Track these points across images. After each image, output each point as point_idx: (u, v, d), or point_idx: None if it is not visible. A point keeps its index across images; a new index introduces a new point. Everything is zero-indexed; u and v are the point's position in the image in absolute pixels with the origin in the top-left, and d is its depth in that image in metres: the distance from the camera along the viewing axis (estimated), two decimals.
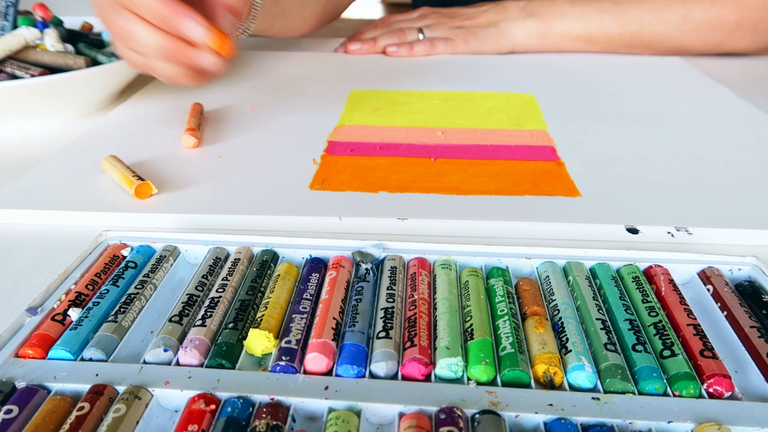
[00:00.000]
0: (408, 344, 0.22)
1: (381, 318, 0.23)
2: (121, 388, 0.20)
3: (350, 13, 0.83)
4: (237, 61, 0.63)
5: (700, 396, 0.20)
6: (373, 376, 0.21)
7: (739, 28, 0.60)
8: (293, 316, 0.24)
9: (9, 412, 0.19)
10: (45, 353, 0.22)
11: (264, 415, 0.19)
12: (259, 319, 0.23)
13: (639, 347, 0.22)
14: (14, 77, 0.44)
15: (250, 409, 0.20)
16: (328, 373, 0.21)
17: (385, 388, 0.20)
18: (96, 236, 0.29)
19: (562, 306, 0.24)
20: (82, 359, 0.22)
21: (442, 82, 0.56)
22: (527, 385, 0.21)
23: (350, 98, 0.51)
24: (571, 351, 0.22)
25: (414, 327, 0.23)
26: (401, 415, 0.20)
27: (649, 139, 0.42)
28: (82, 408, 0.19)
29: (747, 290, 0.26)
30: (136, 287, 0.25)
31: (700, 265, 0.27)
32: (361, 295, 0.25)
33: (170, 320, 0.23)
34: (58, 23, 0.53)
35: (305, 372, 0.21)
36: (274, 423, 0.19)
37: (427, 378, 0.21)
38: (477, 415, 0.19)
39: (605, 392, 0.21)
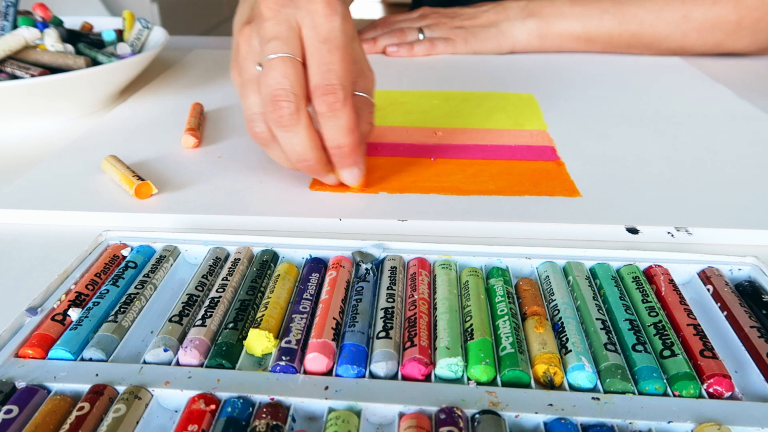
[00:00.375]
0: (408, 344, 0.22)
1: (381, 318, 0.23)
2: (121, 388, 0.20)
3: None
4: None
5: (700, 396, 0.20)
6: (373, 376, 0.21)
7: (740, 28, 0.60)
8: (293, 316, 0.24)
9: (9, 412, 0.19)
10: (45, 353, 0.22)
11: (264, 415, 0.19)
12: (259, 319, 0.23)
13: (639, 347, 0.22)
14: (14, 77, 0.44)
15: (250, 409, 0.20)
16: (328, 373, 0.21)
17: (385, 388, 0.20)
18: (96, 236, 0.29)
19: (562, 306, 0.24)
20: (82, 359, 0.22)
21: (442, 82, 0.56)
22: (527, 385, 0.21)
23: None
24: (571, 351, 0.22)
25: (414, 327, 0.23)
26: (401, 415, 0.20)
27: (649, 139, 0.42)
28: (82, 408, 0.19)
29: (747, 290, 0.26)
30: (136, 287, 0.25)
31: (700, 265, 0.27)
32: (361, 295, 0.25)
33: (170, 320, 0.23)
34: (58, 23, 0.53)
35: (305, 372, 0.21)
36: (274, 423, 0.19)
37: (427, 378, 0.21)
38: (477, 415, 0.19)
39: (605, 392, 0.21)
